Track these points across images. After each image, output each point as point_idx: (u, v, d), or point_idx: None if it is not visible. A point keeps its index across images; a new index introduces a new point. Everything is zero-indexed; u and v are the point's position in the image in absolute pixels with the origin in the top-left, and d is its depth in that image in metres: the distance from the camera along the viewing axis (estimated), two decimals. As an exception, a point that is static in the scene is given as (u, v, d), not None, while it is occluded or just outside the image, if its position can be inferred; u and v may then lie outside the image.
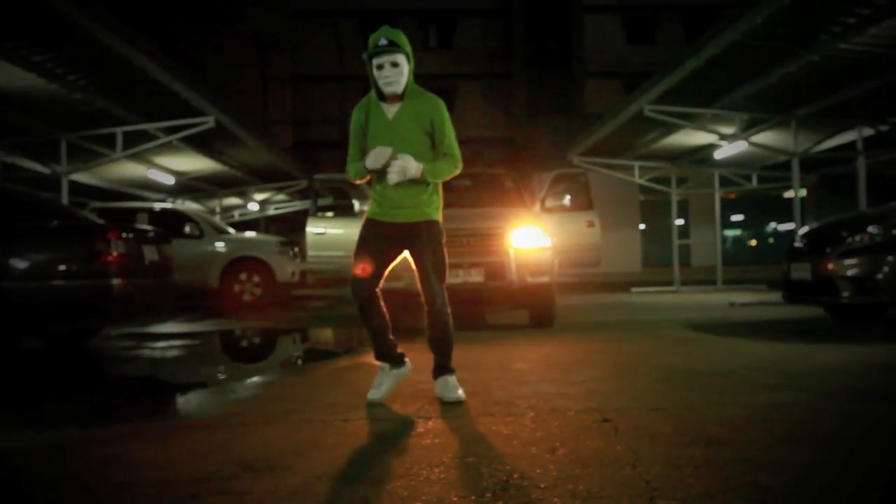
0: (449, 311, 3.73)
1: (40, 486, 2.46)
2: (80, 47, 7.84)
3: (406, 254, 3.73)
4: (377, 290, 3.69)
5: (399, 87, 3.59)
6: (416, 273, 3.71)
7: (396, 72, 3.56)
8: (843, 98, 9.73)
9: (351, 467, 2.53)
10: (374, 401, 3.68)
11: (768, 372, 4.38)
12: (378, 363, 3.79)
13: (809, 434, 2.87)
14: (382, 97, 3.66)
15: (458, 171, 3.74)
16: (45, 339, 6.70)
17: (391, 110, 3.67)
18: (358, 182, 3.87)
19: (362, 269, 3.62)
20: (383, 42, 3.53)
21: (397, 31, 3.61)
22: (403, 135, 3.62)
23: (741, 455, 2.57)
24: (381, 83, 3.59)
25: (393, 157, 3.56)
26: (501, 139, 27.44)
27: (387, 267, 3.72)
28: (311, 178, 10.54)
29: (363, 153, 3.71)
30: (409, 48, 3.61)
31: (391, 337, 3.77)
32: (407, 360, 3.83)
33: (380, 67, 3.56)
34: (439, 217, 3.76)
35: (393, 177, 3.53)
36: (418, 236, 3.67)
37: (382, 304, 3.71)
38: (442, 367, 3.74)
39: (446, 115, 3.70)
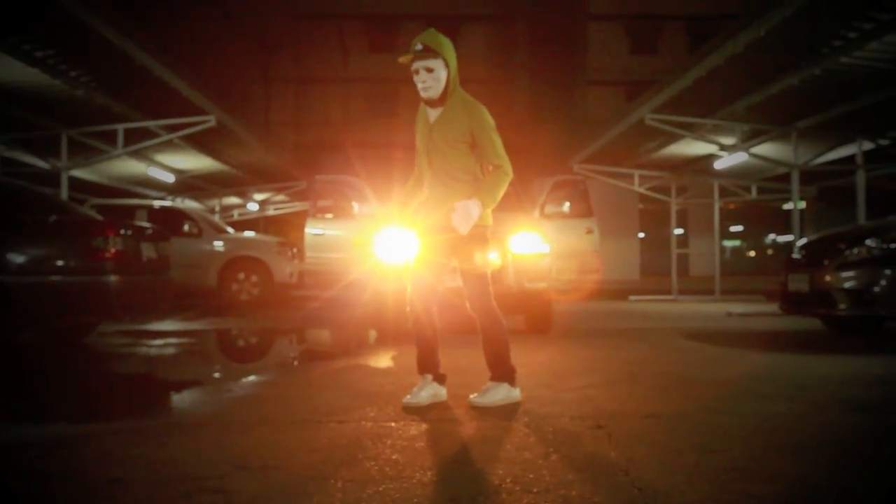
0: (494, 322, 3.64)
1: (33, 482, 2.46)
2: (83, 44, 7.86)
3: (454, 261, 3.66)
4: (434, 300, 3.64)
5: (434, 93, 3.49)
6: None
7: (431, 77, 3.46)
8: (843, 111, 9.78)
9: (344, 468, 2.53)
10: (409, 406, 3.57)
11: (764, 382, 4.38)
12: (420, 375, 3.71)
13: (803, 445, 2.87)
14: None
15: (509, 180, 3.54)
16: (41, 334, 6.69)
17: (433, 114, 3.58)
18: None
19: (419, 279, 3.61)
20: (418, 47, 3.44)
21: (436, 36, 3.49)
22: (438, 142, 3.54)
23: (734, 464, 2.57)
24: (418, 88, 3.52)
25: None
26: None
27: (442, 275, 3.68)
28: (312, 179, 10.54)
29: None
30: (448, 52, 3.48)
31: (437, 353, 3.69)
32: (445, 385, 3.74)
33: (415, 72, 3.48)
34: (485, 222, 3.57)
35: (463, 228, 3.39)
36: (459, 244, 3.55)
37: (435, 316, 3.65)
38: (491, 376, 3.70)
39: (488, 123, 3.52)
